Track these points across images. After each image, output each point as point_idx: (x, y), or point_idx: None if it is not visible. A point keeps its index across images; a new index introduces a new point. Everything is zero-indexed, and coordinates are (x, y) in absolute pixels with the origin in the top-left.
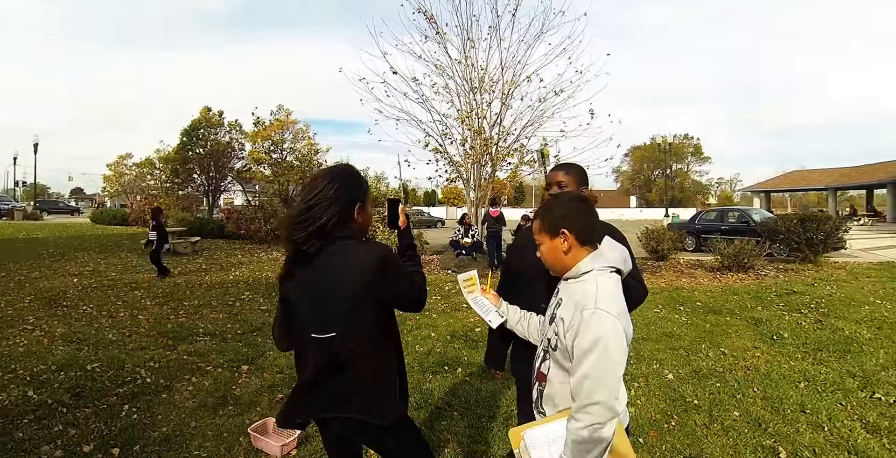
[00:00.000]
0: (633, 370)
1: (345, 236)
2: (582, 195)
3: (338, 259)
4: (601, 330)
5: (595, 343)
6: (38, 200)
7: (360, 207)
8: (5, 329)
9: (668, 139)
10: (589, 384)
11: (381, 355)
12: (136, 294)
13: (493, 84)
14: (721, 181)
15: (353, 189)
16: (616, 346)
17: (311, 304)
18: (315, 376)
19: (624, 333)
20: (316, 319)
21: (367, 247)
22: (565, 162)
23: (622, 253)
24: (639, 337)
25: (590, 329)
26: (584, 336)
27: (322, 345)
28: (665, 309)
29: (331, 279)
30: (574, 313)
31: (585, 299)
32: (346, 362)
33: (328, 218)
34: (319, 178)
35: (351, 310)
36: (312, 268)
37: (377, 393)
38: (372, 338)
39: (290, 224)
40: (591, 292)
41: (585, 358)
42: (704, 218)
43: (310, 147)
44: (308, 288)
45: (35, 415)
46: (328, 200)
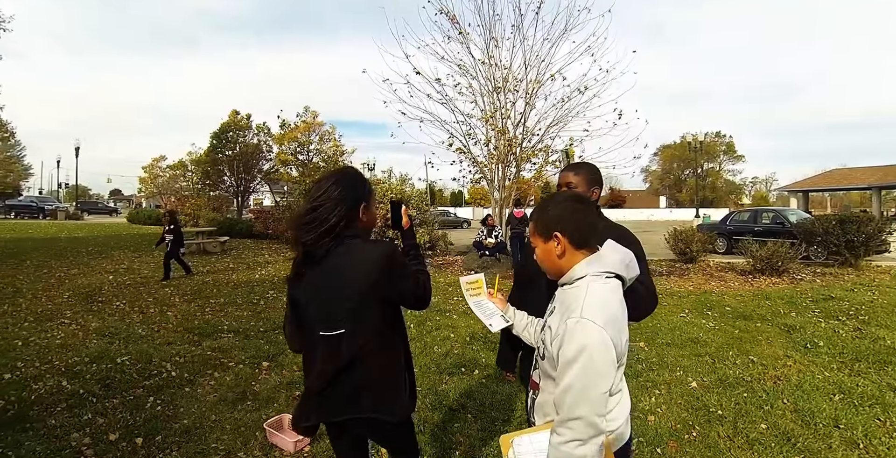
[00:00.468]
0: (655, 377)
1: (351, 235)
2: (580, 195)
3: (345, 259)
4: (585, 340)
5: (579, 353)
6: (79, 201)
7: (365, 207)
8: (45, 323)
9: (698, 137)
10: (571, 397)
11: (390, 352)
12: (167, 291)
13: (517, 83)
14: (756, 180)
15: (357, 190)
16: (601, 357)
17: (320, 303)
18: (324, 374)
19: (613, 343)
20: (324, 317)
21: (373, 246)
22: (576, 162)
23: (624, 257)
24: (662, 342)
25: (574, 339)
26: (568, 346)
27: (331, 342)
28: (692, 313)
29: (339, 279)
30: (560, 322)
31: (572, 307)
32: (355, 359)
33: (337, 219)
34: (324, 180)
35: (359, 308)
36: (321, 268)
37: (387, 390)
38: (380, 335)
39: (298, 225)
40: (579, 299)
41: (568, 369)
42: (736, 219)
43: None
44: (317, 288)
45: (67, 404)
46: (333, 201)
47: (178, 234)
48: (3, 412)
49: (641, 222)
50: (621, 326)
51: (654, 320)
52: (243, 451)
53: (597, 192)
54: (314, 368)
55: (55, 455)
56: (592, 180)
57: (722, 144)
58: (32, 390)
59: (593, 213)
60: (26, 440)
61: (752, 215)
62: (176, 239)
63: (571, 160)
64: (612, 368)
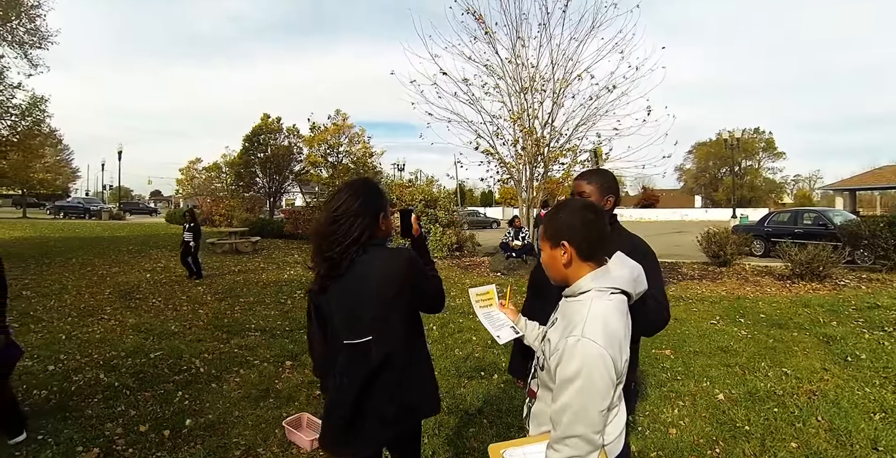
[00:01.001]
0: (680, 387)
1: (373, 244)
2: (594, 205)
3: (369, 268)
4: (585, 360)
5: (577, 374)
6: (121, 202)
7: (383, 216)
8: (86, 318)
9: (735, 134)
10: (569, 416)
11: (418, 354)
12: (199, 290)
13: (544, 83)
14: (798, 179)
15: (375, 200)
16: (601, 378)
17: (345, 313)
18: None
19: (613, 363)
20: (350, 326)
21: (393, 253)
22: (590, 169)
23: (633, 272)
24: (690, 350)
25: (574, 358)
26: (566, 364)
27: (357, 350)
28: (723, 320)
29: (364, 288)
30: (561, 337)
31: (573, 323)
32: (384, 364)
33: (360, 232)
34: (342, 191)
35: (385, 315)
36: (345, 279)
37: (423, 390)
38: (407, 339)
39: (320, 237)
40: (581, 315)
41: (567, 388)
42: (775, 220)
43: (365, 150)
44: (342, 298)
45: (103, 395)
46: (353, 213)
47: (196, 232)
48: (45, 401)
49: (675, 223)
50: (622, 344)
51: (683, 327)
52: (262, 447)
53: (611, 200)
54: (336, 380)
55: (90, 443)
56: (606, 189)
57: (761, 141)
58: (73, 381)
59: (605, 225)
60: (65, 428)
61: (793, 216)
62: (195, 238)
63: (600, 160)
64: (610, 388)
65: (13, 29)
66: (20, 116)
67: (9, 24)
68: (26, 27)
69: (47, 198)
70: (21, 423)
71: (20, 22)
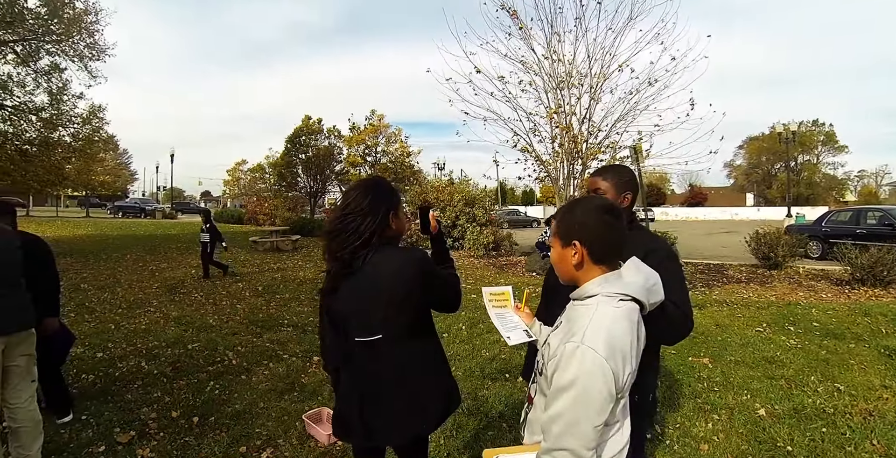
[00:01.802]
0: (717, 400)
1: (384, 244)
2: (612, 204)
3: (380, 268)
4: (582, 369)
5: (572, 383)
6: (174, 202)
7: (394, 215)
8: (134, 310)
9: (790, 127)
10: (559, 426)
11: (429, 355)
12: (239, 286)
13: (581, 78)
14: (862, 174)
15: (385, 199)
16: (598, 390)
17: (357, 312)
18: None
19: (614, 376)
20: (362, 325)
21: (405, 252)
22: (606, 166)
23: (647, 280)
24: (731, 360)
25: (570, 366)
26: (562, 372)
27: (368, 346)
28: (770, 328)
29: (374, 287)
30: (561, 342)
31: (575, 328)
32: (395, 366)
33: (370, 231)
34: (352, 189)
35: (394, 315)
36: (356, 278)
37: (437, 390)
38: (418, 339)
39: (330, 236)
40: (584, 321)
41: (560, 397)
42: (834, 219)
43: (402, 149)
44: (353, 297)
45: (143, 382)
46: (363, 212)
47: (213, 233)
48: (91, 385)
49: (724, 222)
50: (628, 357)
51: (725, 334)
52: (283, 438)
53: (628, 197)
54: (348, 375)
55: (126, 425)
56: (623, 185)
57: (820, 134)
58: (117, 368)
59: (622, 227)
60: (106, 410)
61: (854, 215)
62: (212, 238)
63: (640, 156)
64: (608, 402)
65: (74, 44)
66: (81, 124)
67: (70, 40)
68: (86, 42)
69: (108, 199)
70: (68, 405)
71: (81, 37)
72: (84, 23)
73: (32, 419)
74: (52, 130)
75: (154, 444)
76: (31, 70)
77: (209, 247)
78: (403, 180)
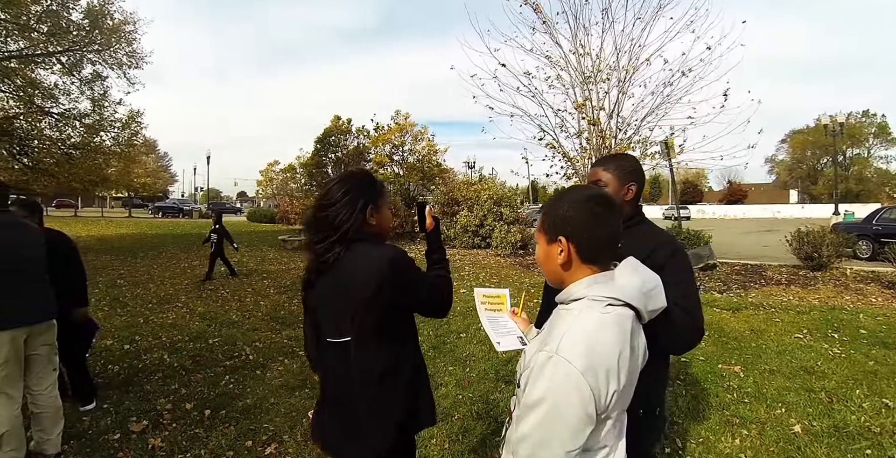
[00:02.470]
0: (747, 412)
1: (360, 240)
2: (605, 196)
3: (351, 265)
4: (554, 384)
5: (542, 400)
6: (210, 202)
7: (373, 209)
8: (164, 305)
9: (837, 118)
10: (526, 449)
11: (405, 363)
12: (265, 283)
13: (609, 72)
14: None
15: (364, 192)
16: (571, 409)
17: (328, 310)
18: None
19: (593, 394)
20: (332, 324)
21: (377, 250)
22: (609, 154)
23: (645, 283)
24: (765, 368)
25: (541, 379)
26: (533, 386)
27: (339, 349)
28: (811, 335)
29: (345, 285)
30: (536, 350)
31: (552, 336)
32: (363, 371)
33: (346, 225)
34: (332, 182)
35: (362, 316)
36: (331, 274)
37: (412, 403)
38: (390, 344)
39: (308, 227)
40: (563, 328)
41: (528, 415)
42: (887, 217)
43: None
44: (326, 294)
45: (163, 374)
46: (340, 205)
47: (222, 233)
48: (116, 375)
49: (764, 220)
50: (614, 371)
51: (760, 340)
52: (288, 434)
53: (633, 189)
54: (322, 378)
55: (143, 415)
56: (627, 175)
57: (871, 126)
58: (141, 359)
59: (617, 222)
60: (126, 400)
61: None
62: (220, 238)
63: (672, 152)
64: (585, 424)
65: (114, 53)
66: (121, 129)
67: (110, 49)
68: (125, 50)
69: (150, 200)
70: (92, 393)
71: (120, 46)
72: (123, 32)
73: (53, 406)
74: (94, 134)
75: (166, 434)
76: (76, 79)
77: (215, 246)
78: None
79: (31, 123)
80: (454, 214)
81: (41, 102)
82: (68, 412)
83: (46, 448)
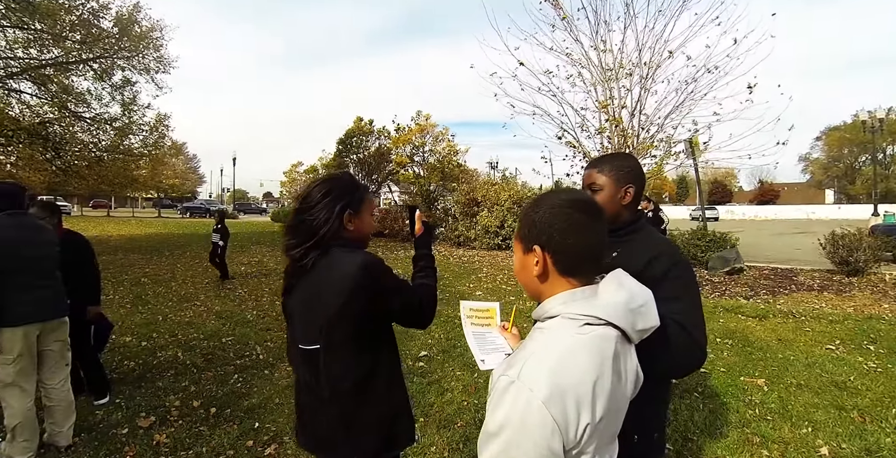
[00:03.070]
0: (769, 431)
1: (336, 245)
2: (587, 201)
3: (324, 272)
4: (513, 413)
5: (501, 430)
6: (236, 202)
7: (353, 215)
8: (183, 303)
9: (877, 114)
10: None
11: (379, 377)
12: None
13: (632, 68)
14: None
15: (343, 197)
16: (533, 444)
17: (302, 316)
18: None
19: (558, 426)
20: (303, 331)
21: (351, 257)
22: (604, 155)
23: (632, 299)
24: (791, 382)
25: (500, 407)
26: (493, 413)
27: (309, 356)
28: (844, 346)
29: (317, 292)
30: (500, 373)
31: (517, 358)
32: (333, 378)
33: (324, 229)
34: (313, 184)
35: (333, 324)
36: (305, 281)
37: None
38: (362, 355)
39: (287, 230)
40: (531, 349)
41: (489, 444)
42: None
43: (449, 149)
44: (300, 301)
45: (175, 371)
46: (318, 209)
47: (224, 233)
48: (131, 371)
49: (798, 222)
50: (586, 400)
51: (787, 351)
52: (289, 435)
53: (630, 192)
54: (299, 386)
55: (151, 411)
56: (625, 177)
57: None
58: (156, 356)
59: (601, 230)
60: (137, 395)
61: None
62: (222, 238)
63: (697, 150)
64: None
65: (142, 59)
66: (149, 132)
67: (139, 55)
68: (153, 56)
69: (178, 200)
70: (106, 388)
71: (148, 52)
72: (150, 39)
73: (65, 400)
74: (123, 137)
75: (171, 430)
76: (107, 84)
77: (218, 248)
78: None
79: (65, 127)
80: (474, 215)
81: (74, 108)
82: (83, 406)
83: (58, 440)
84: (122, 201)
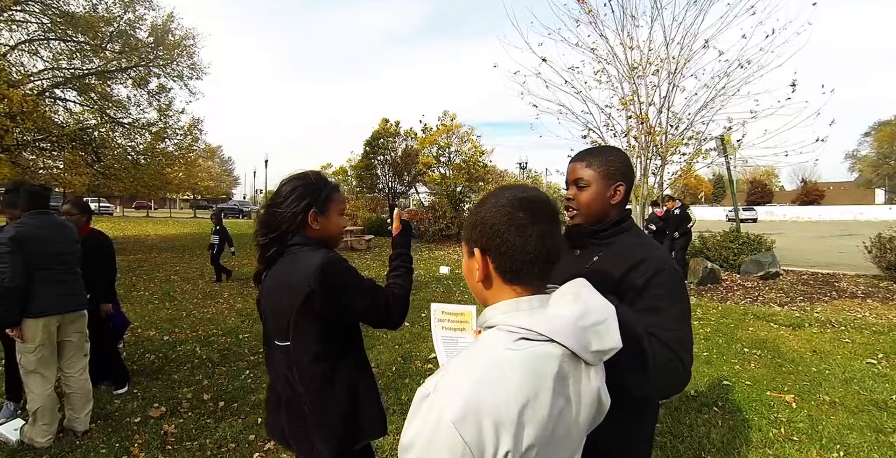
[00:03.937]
0: (793, 453)
1: (298, 243)
2: (536, 197)
3: (288, 269)
4: (423, 430)
5: (411, 444)
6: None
7: (318, 213)
8: (207, 300)
9: None
10: None
11: (342, 375)
12: None
13: (660, 64)
14: None
15: (308, 195)
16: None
17: (272, 312)
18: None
19: (470, 450)
20: (276, 327)
21: (310, 257)
22: (591, 148)
23: (586, 314)
24: (824, 400)
25: (414, 420)
26: (407, 426)
27: (281, 352)
28: (887, 360)
29: (280, 290)
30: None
31: (438, 373)
32: (302, 372)
33: (287, 224)
34: (282, 182)
35: (296, 323)
36: (270, 276)
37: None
38: (326, 354)
39: (257, 223)
40: (454, 362)
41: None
42: None
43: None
44: (267, 297)
45: (192, 365)
46: (285, 203)
47: (223, 235)
48: (151, 364)
49: (844, 223)
50: (508, 424)
51: (822, 364)
52: None
53: (620, 190)
54: (274, 377)
55: (164, 402)
56: (614, 173)
57: None
58: (176, 350)
59: (548, 232)
60: (153, 387)
61: None
62: (221, 240)
63: (729, 148)
64: None
65: (177, 66)
66: (182, 136)
67: (174, 63)
68: (186, 63)
69: (213, 201)
70: (125, 378)
71: (182, 59)
72: (184, 47)
73: (83, 388)
74: (158, 141)
75: (180, 421)
76: (144, 91)
77: (216, 248)
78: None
79: (105, 132)
80: None
81: (114, 114)
82: (102, 395)
83: (76, 426)
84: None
